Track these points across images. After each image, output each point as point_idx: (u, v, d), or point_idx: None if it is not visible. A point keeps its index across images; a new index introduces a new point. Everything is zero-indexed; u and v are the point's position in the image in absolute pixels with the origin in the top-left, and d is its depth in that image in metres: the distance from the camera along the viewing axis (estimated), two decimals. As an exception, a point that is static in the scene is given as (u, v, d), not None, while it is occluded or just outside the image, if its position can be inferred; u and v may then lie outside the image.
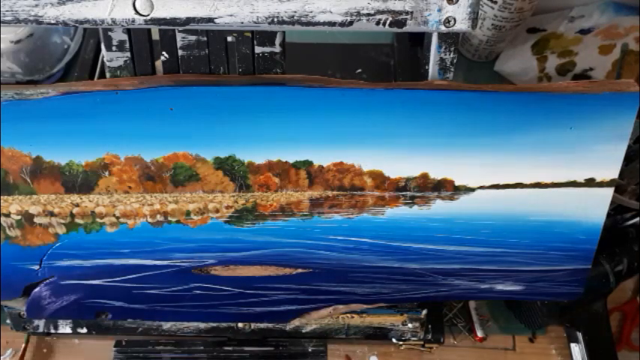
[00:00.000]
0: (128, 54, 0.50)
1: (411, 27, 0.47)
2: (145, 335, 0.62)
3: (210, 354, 0.61)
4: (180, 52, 0.50)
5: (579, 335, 0.64)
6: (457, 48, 0.50)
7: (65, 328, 0.62)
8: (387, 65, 0.73)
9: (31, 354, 0.64)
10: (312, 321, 0.61)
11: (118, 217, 0.53)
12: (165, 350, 0.61)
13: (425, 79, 0.51)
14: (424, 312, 0.61)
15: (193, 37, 0.49)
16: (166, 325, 0.61)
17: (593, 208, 0.54)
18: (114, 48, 0.50)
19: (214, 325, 0.61)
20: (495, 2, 0.73)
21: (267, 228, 0.54)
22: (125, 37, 0.49)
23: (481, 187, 0.52)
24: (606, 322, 0.65)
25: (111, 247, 0.54)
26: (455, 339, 0.66)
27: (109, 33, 0.49)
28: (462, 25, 0.47)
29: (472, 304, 0.68)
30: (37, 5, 0.45)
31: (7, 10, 0.45)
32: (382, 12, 0.46)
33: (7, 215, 0.52)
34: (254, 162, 0.51)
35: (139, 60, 0.50)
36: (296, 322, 0.61)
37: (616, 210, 0.68)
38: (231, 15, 0.46)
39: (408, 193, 0.53)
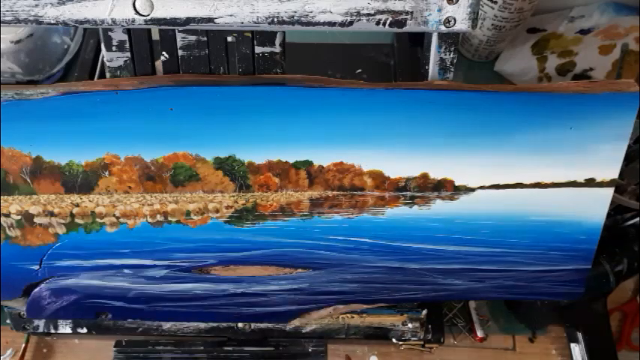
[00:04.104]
0: (128, 54, 0.50)
1: (411, 27, 0.47)
2: (145, 335, 0.62)
3: (210, 354, 0.61)
4: (180, 52, 0.50)
5: (579, 335, 0.64)
6: (457, 48, 0.50)
7: (65, 328, 0.62)
8: (387, 65, 0.73)
9: (31, 354, 0.64)
10: (312, 321, 0.61)
11: (118, 217, 0.53)
12: (165, 350, 0.61)
13: (425, 79, 0.51)
14: (424, 312, 0.61)
15: (193, 37, 0.49)
16: (166, 325, 0.61)
17: (593, 208, 0.54)
18: (114, 48, 0.50)
19: (214, 325, 0.61)
20: (495, 2, 0.73)
21: (267, 228, 0.54)
22: (125, 37, 0.49)
23: (481, 187, 0.52)
24: (606, 322, 0.65)
25: (111, 247, 0.54)
26: (455, 339, 0.66)
27: (109, 33, 0.49)
28: (462, 25, 0.47)
29: (472, 304, 0.68)
30: (37, 5, 0.45)
31: (7, 10, 0.45)
32: (382, 12, 0.46)
33: (7, 215, 0.52)
34: (254, 162, 0.51)
35: (139, 60, 0.50)
36: (296, 322, 0.61)
37: (616, 210, 0.68)
38: (231, 15, 0.46)
39: (408, 193, 0.53)
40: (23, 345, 0.64)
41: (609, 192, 0.53)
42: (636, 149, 0.67)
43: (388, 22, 0.47)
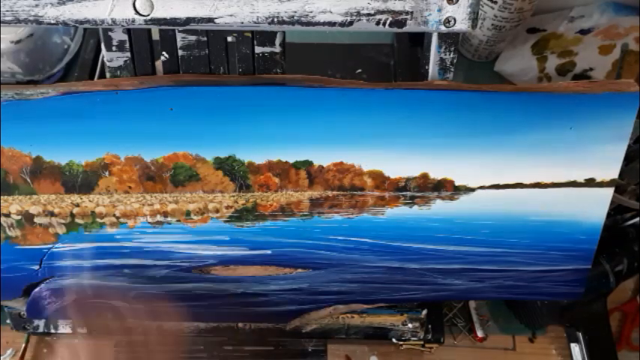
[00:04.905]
0: (128, 54, 0.50)
1: (411, 27, 0.47)
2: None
3: (210, 354, 0.61)
4: (180, 52, 0.50)
5: (579, 335, 0.64)
6: (457, 48, 0.50)
7: (65, 328, 0.62)
8: (387, 65, 0.73)
9: (31, 354, 0.64)
10: (312, 321, 0.61)
11: (118, 217, 0.53)
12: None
13: (425, 79, 0.51)
14: (424, 312, 0.61)
15: (193, 37, 0.49)
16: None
17: (593, 208, 0.54)
18: (114, 48, 0.50)
19: (214, 325, 0.61)
20: (495, 2, 0.73)
21: (267, 228, 0.54)
22: (125, 37, 0.49)
23: (481, 187, 0.52)
24: (606, 322, 0.65)
25: (111, 247, 0.54)
26: (455, 339, 0.66)
27: (109, 33, 0.49)
28: (462, 25, 0.47)
29: (472, 304, 0.68)
30: (37, 5, 0.45)
31: (7, 10, 0.45)
32: (382, 12, 0.46)
33: (7, 215, 0.52)
34: (254, 162, 0.51)
35: (139, 60, 0.50)
36: (296, 322, 0.61)
37: (616, 210, 0.68)
38: (231, 15, 0.46)
39: (408, 193, 0.53)
40: (23, 345, 0.64)
41: (609, 192, 0.53)
42: (636, 149, 0.67)
43: (388, 22, 0.47)
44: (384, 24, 0.47)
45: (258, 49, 0.50)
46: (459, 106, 0.49)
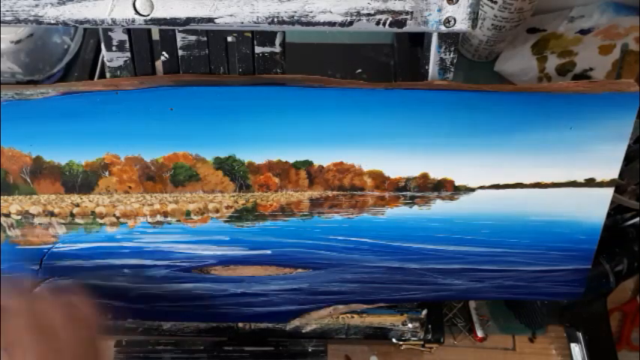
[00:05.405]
0: (128, 54, 0.50)
1: (411, 27, 0.47)
2: (145, 335, 0.62)
3: (210, 354, 0.61)
4: (180, 52, 0.50)
5: (579, 335, 0.64)
6: (457, 48, 0.50)
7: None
8: (387, 65, 0.73)
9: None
10: (312, 321, 0.61)
11: (118, 217, 0.53)
12: (165, 350, 0.61)
13: (425, 79, 0.51)
14: (424, 312, 0.61)
15: (193, 37, 0.49)
16: (166, 325, 0.61)
17: (593, 208, 0.54)
18: (114, 48, 0.50)
19: (214, 325, 0.61)
20: (495, 2, 0.73)
21: (267, 228, 0.54)
22: (125, 37, 0.49)
23: (481, 187, 0.52)
24: (606, 322, 0.65)
25: (111, 247, 0.54)
26: (455, 339, 0.66)
27: (109, 33, 0.49)
28: (462, 25, 0.47)
29: (472, 304, 0.68)
30: (37, 5, 0.45)
31: (7, 10, 0.45)
32: (382, 12, 0.46)
33: (7, 215, 0.52)
34: (254, 162, 0.51)
35: (139, 60, 0.50)
36: (296, 322, 0.61)
37: (616, 210, 0.68)
38: (231, 15, 0.46)
39: (408, 193, 0.53)
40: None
41: (609, 192, 0.53)
42: (636, 149, 0.67)
43: (388, 22, 0.47)
44: (384, 24, 0.47)
45: (258, 49, 0.50)
46: (459, 106, 0.49)
